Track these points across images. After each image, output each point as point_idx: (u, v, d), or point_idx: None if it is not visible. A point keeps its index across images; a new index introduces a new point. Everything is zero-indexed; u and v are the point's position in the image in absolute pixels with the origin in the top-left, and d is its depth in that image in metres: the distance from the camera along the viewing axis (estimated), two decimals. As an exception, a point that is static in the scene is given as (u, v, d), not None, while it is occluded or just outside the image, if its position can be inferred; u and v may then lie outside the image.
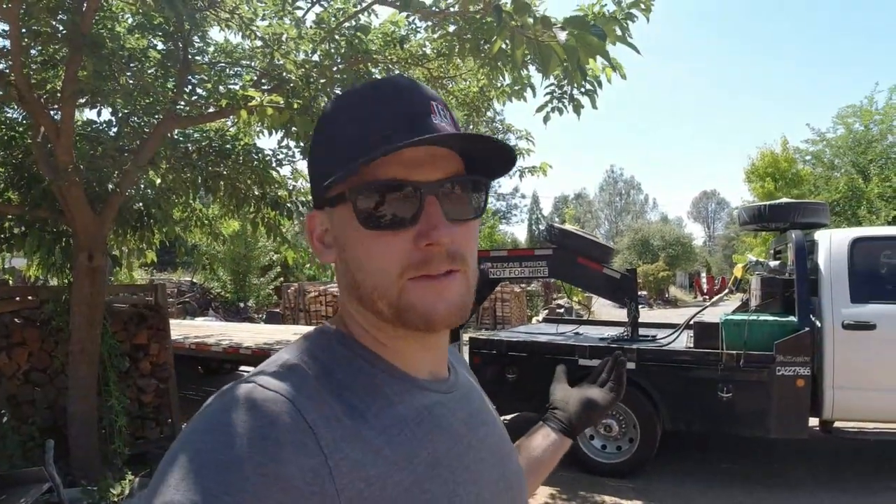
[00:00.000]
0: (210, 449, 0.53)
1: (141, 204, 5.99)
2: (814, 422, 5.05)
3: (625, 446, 5.35)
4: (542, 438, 1.09)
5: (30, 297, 5.29)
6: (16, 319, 5.15)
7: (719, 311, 5.96)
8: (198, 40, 4.79)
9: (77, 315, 4.62)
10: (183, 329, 8.88)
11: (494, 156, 0.68)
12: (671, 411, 5.19)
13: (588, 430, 5.43)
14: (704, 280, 33.90)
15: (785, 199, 7.55)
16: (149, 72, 4.68)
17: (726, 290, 6.62)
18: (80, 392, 4.67)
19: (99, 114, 5.17)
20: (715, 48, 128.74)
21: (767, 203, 6.34)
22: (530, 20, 2.80)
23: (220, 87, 4.35)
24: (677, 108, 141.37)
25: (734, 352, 4.97)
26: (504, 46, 2.96)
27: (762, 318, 5.14)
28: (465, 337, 7.85)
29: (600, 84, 4.09)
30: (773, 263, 5.96)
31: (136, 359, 5.84)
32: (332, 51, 4.44)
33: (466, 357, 6.54)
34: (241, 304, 19.32)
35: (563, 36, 2.57)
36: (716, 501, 4.82)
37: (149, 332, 6.05)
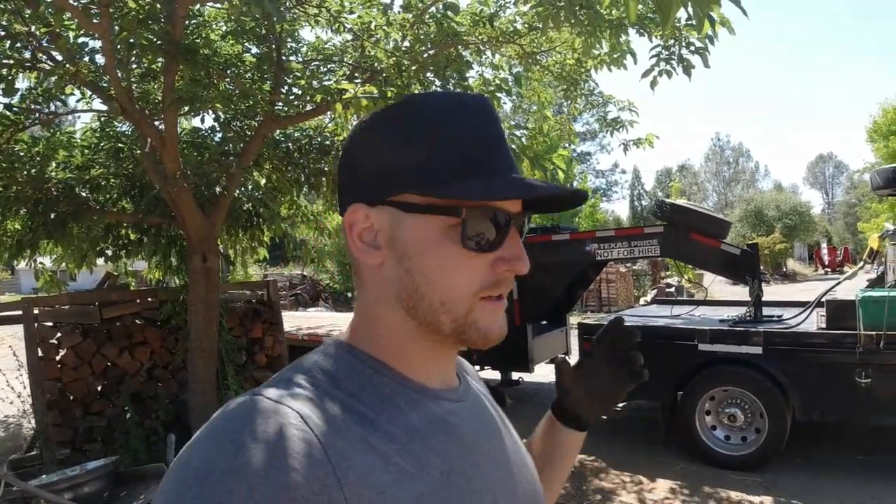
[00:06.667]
0: (216, 457, 0.53)
1: (249, 204, 6.18)
2: None
3: (751, 437, 4.96)
4: (555, 434, 0.97)
5: (149, 299, 5.57)
6: (137, 321, 5.44)
7: (852, 287, 5.39)
8: (290, 41, 4.83)
9: (194, 314, 4.79)
10: (296, 321, 9.13)
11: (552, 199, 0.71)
12: (802, 399, 4.74)
13: (710, 420, 5.09)
14: (825, 251, 31.74)
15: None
16: (246, 76, 4.76)
17: (862, 263, 5.98)
18: (200, 387, 4.86)
19: (202, 121, 5.32)
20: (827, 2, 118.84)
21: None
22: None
23: (314, 83, 4.33)
24: (782, 67, 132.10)
25: (873, 332, 4.46)
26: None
27: (906, 293, 4.57)
28: (573, 321, 7.62)
29: (712, 40, 3.78)
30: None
31: (252, 352, 6.06)
32: (422, 35, 4.32)
33: (575, 343, 6.31)
34: (350, 294, 19.92)
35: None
36: (851, 497, 4.38)
37: (263, 327, 6.26)
